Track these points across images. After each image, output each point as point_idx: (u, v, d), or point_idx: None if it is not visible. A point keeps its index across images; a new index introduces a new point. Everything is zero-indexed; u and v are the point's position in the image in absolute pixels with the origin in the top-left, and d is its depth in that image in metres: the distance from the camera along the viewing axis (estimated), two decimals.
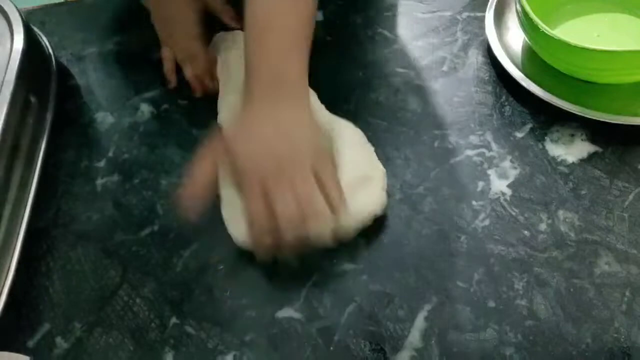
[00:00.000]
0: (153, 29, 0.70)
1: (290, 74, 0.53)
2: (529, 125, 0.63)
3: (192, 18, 0.67)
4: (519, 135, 0.62)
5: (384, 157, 0.61)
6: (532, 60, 0.67)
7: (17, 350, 0.49)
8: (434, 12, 0.74)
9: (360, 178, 0.55)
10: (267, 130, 0.52)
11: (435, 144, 0.62)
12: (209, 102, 0.64)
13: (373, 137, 0.62)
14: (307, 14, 0.56)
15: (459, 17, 0.74)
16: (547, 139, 0.62)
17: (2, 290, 0.51)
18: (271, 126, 0.52)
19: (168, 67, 0.68)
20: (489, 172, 0.60)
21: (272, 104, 0.53)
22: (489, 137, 0.62)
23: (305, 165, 0.51)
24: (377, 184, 0.56)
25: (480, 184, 0.59)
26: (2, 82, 0.58)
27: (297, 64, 0.54)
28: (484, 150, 0.61)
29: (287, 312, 0.52)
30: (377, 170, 0.57)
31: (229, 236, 0.55)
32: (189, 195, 0.52)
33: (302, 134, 0.53)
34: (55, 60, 0.69)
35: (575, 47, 0.59)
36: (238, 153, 0.52)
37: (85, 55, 0.71)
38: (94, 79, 0.70)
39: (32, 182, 0.58)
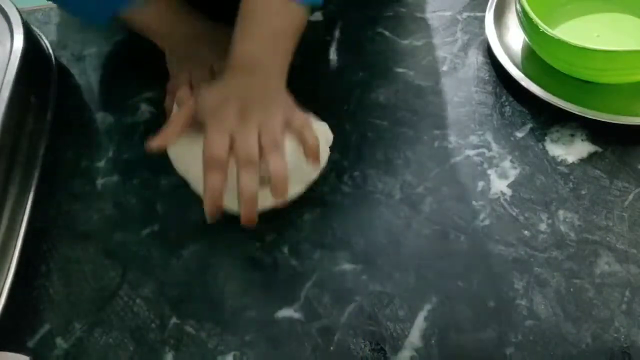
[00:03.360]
0: None
1: (270, 61, 0.56)
2: (529, 125, 0.63)
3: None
4: (519, 135, 0.62)
5: (384, 157, 0.61)
6: (532, 60, 0.67)
7: (17, 350, 0.49)
8: (434, 12, 0.74)
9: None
10: (241, 82, 0.55)
11: (435, 144, 0.62)
12: None
13: (373, 137, 0.62)
14: (299, 18, 0.58)
15: (459, 17, 0.74)
16: (547, 139, 0.62)
17: (2, 290, 0.51)
18: (244, 84, 0.55)
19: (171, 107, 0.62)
20: (489, 172, 0.60)
21: (247, 75, 0.55)
22: (489, 137, 0.62)
23: (276, 114, 0.54)
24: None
25: (480, 183, 0.59)
26: (2, 82, 0.58)
27: (279, 57, 0.57)
28: (484, 150, 0.61)
29: (287, 312, 0.52)
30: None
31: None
32: (163, 138, 0.55)
33: (276, 89, 0.56)
34: (55, 60, 0.69)
35: (575, 47, 0.60)
36: (209, 97, 0.55)
37: (85, 55, 0.71)
38: (94, 79, 0.70)
39: (32, 182, 0.58)
